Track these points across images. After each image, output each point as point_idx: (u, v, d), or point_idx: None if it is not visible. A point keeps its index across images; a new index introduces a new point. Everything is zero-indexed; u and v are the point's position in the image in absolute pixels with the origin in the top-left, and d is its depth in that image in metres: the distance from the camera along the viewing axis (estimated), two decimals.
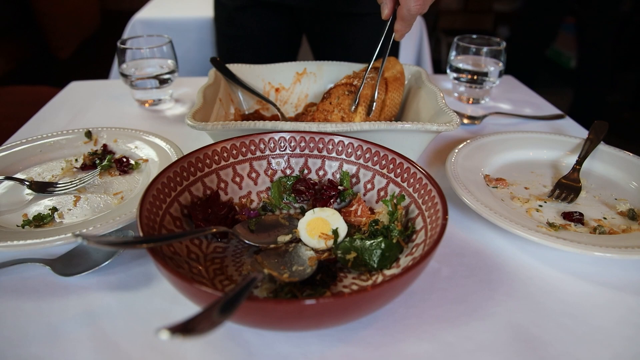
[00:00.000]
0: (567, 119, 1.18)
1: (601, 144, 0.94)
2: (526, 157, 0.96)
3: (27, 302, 0.61)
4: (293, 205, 0.77)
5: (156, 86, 1.20)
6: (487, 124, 1.16)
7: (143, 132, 0.97)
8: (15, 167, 0.89)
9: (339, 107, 0.96)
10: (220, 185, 0.74)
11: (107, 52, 2.34)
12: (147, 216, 0.58)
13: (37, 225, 0.73)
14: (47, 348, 0.54)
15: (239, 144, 0.75)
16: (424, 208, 0.64)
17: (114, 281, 0.64)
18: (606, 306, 0.61)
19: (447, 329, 0.57)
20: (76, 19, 3.95)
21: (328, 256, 0.65)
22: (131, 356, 0.53)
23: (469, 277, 0.66)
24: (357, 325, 0.58)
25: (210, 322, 0.39)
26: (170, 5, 2.26)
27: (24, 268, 0.66)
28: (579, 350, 0.55)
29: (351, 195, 0.75)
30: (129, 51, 1.19)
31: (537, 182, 0.88)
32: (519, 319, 0.59)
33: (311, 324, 0.50)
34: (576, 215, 0.76)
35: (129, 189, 0.83)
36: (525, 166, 0.93)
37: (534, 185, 0.87)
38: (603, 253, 0.64)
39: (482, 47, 1.25)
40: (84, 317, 0.58)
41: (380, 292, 0.47)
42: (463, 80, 1.26)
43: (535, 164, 0.95)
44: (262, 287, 0.59)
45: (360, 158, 0.76)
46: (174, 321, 0.37)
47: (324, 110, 0.96)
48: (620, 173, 0.89)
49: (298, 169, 0.78)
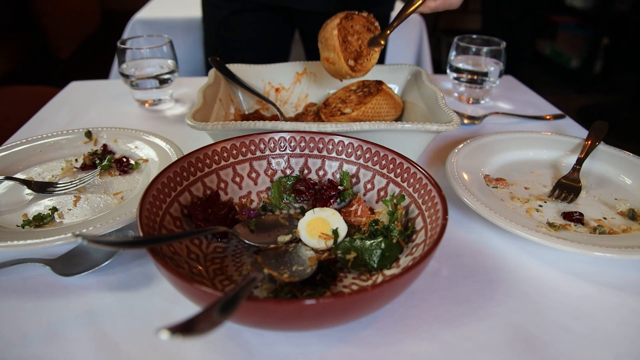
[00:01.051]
0: (567, 119, 1.18)
1: (601, 144, 0.94)
2: (526, 157, 0.96)
3: (27, 302, 0.61)
4: (293, 205, 0.77)
5: (156, 86, 1.20)
6: (487, 124, 1.16)
7: (143, 132, 0.97)
8: (15, 167, 0.89)
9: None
10: (220, 185, 0.74)
11: (107, 52, 2.34)
12: (147, 216, 0.58)
13: (37, 225, 0.73)
14: (47, 348, 0.54)
15: (239, 144, 0.75)
16: (424, 208, 0.64)
17: (114, 281, 0.64)
18: (606, 306, 0.61)
19: (447, 329, 0.57)
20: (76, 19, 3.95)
21: (328, 256, 0.65)
22: (131, 356, 0.53)
23: (469, 277, 0.66)
24: (357, 325, 0.58)
25: (210, 322, 0.39)
26: (170, 5, 2.26)
27: (24, 268, 0.66)
28: (579, 350, 0.55)
29: (351, 195, 0.75)
30: (129, 51, 1.19)
31: (537, 182, 0.88)
32: (519, 319, 0.59)
33: (311, 324, 0.50)
34: (576, 215, 0.76)
35: (129, 189, 0.83)
36: (525, 166, 0.93)
37: (534, 185, 0.87)
38: (603, 253, 0.64)
39: (482, 47, 1.25)
40: (84, 317, 0.58)
41: (380, 292, 0.47)
42: (463, 80, 1.26)
43: (535, 164, 0.95)
44: (262, 287, 0.59)
45: (360, 158, 0.76)
46: (174, 321, 0.37)
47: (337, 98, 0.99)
48: (620, 173, 0.89)
49: (298, 169, 0.78)
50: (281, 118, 1.07)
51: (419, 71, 1.07)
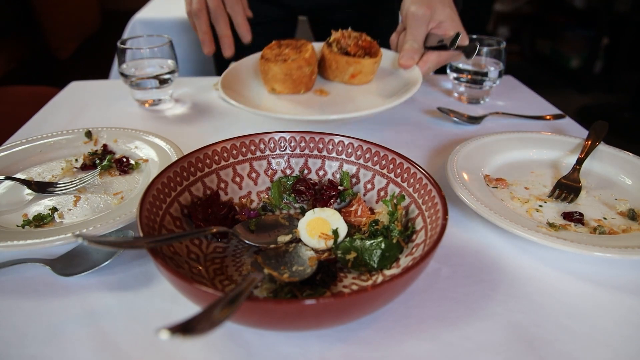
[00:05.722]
0: (567, 119, 1.18)
1: (601, 144, 0.94)
2: (526, 157, 0.96)
3: (27, 302, 0.61)
4: (293, 205, 0.77)
5: (156, 86, 1.20)
6: (487, 124, 1.16)
7: (143, 132, 0.97)
8: (15, 167, 0.89)
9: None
10: (220, 185, 0.74)
11: (107, 52, 2.34)
12: (147, 216, 0.58)
13: (37, 225, 0.73)
14: (47, 348, 0.54)
15: (239, 144, 0.75)
16: (424, 208, 0.64)
17: (114, 281, 0.64)
18: (606, 306, 0.61)
19: (447, 329, 0.57)
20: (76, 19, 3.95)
21: (328, 256, 0.65)
22: (131, 356, 0.53)
23: (469, 277, 0.66)
24: (357, 325, 0.58)
25: (210, 322, 0.39)
26: (170, 5, 2.26)
27: (24, 268, 0.66)
28: (578, 350, 0.55)
29: (351, 196, 0.75)
30: (129, 51, 1.19)
31: (537, 182, 0.88)
32: (519, 319, 0.59)
33: (311, 324, 0.50)
34: (576, 215, 0.76)
35: (129, 189, 0.83)
36: (525, 166, 0.93)
37: (534, 185, 0.87)
38: (603, 253, 0.64)
39: (482, 47, 1.25)
40: (84, 317, 0.58)
41: (380, 292, 0.47)
42: (463, 80, 1.26)
43: (535, 164, 0.95)
44: (262, 287, 0.59)
45: (360, 158, 0.76)
46: (174, 321, 0.37)
47: None
48: (620, 173, 0.89)
49: (298, 169, 0.78)
50: None
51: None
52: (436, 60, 0.97)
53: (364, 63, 0.98)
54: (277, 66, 0.94)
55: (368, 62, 0.98)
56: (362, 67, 0.98)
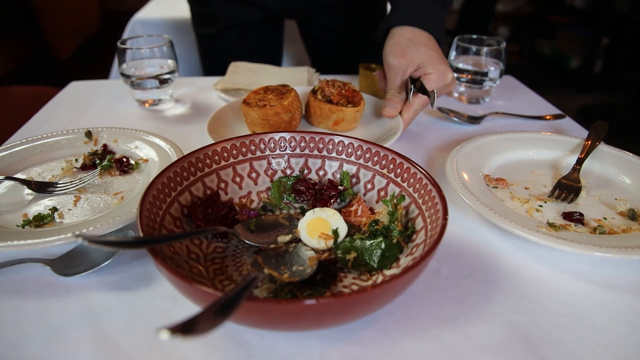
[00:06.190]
0: (567, 119, 1.18)
1: (601, 144, 0.94)
2: (526, 157, 0.96)
3: (27, 302, 0.61)
4: (293, 205, 0.77)
5: (156, 86, 1.20)
6: (487, 124, 1.16)
7: (143, 132, 0.97)
8: (15, 167, 0.89)
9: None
10: (220, 185, 0.74)
11: (107, 52, 2.34)
12: (147, 216, 0.58)
13: (37, 225, 0.73)
14: (47, 348, 0.54)
15: (239, 144, 0.75)
16: (424, 208, 0.64)
17: (114, 281, 0.64)
18: (606, 306, 0.61)
19: (447, 329, 0.57)
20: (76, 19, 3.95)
21: (328, 256, 0.65)
22: (131, 356, 0.53)
23: (469, 277, 0.66)
24: (357, 325, 0.58)
25: (210, 322, 0.39)
26: (170, 5, 2.26)
27: (24, 268, 0.66)
28: (578, 350, 0.55)
29: (351, 195, 0.75)
30: (129, 51, 1.19)
31: (537, 182, 0.88)
32: (519, 319, 0.59)
33: (311, 324, 0.50)
34: (576, 215, 0.76)
35: (129, 189, 0.83)
36: (525, 166, 0.93)
37: (534, 185, 0.87)
38: (603, 253, 0.64)
39: (482, 47, 1.25)
40: (84, 317, 0.58)
41: (380, 292, 0.47)
42: (463, 80, 1.26)
43: (535, 164, 0.95)
44: (262, 287, 0.59)
45: (361, 158, 0.76)
46: (174, 321, 0.37)
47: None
48: (620, 173, 0.89)
49: (298, 169, 0.78)
50: None
51: None
52: (420, 102, 1.01)
53: (346, 111, 1.00)
54: (254, 111, 0.97)
55: (350, 110, 1.00)
56: (345, 115, 1.01)
